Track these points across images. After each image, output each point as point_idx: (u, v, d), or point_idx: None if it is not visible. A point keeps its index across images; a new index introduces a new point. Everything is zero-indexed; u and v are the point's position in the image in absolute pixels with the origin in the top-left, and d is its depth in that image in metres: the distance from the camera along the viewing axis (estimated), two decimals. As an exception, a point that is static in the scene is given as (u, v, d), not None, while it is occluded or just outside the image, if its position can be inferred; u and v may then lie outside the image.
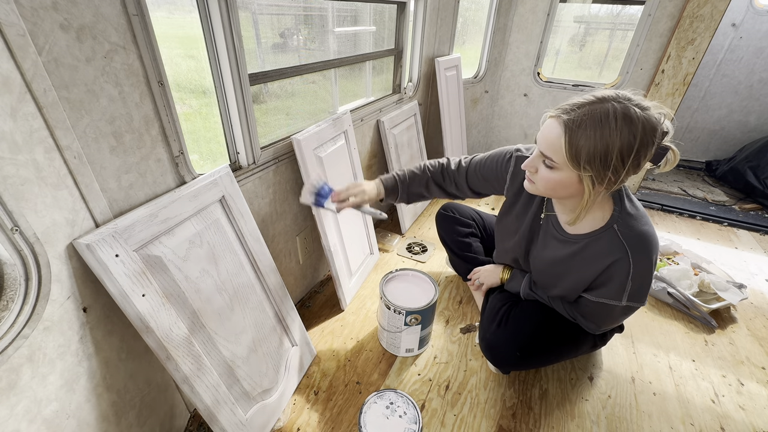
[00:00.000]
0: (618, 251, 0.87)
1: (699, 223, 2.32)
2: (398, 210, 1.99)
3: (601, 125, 0.71)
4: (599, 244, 0.90)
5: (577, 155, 0.74)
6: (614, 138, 0.71)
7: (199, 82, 4.75)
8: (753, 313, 1.58)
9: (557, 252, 1.00)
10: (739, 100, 2.90)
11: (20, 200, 0.58)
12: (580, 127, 0.73)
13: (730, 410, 1.18)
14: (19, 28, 0.54)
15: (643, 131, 0.71)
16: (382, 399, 1.13)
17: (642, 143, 0.71)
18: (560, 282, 1.03)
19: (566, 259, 0.98)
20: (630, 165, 0.73)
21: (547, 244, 1.04)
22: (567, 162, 0.76)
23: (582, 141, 0.73)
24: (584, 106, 0.74)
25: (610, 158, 0.72)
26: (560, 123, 0.76)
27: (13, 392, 0.61)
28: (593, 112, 0.72)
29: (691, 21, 2.04)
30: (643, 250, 0.86)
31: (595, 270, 0.92)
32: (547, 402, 1.18)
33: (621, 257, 0.86)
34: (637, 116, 0.70)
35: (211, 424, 0.88)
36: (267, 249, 1.10)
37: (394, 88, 2.07)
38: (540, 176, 0.85)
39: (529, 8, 2.48)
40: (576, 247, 0.95)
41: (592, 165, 0.74)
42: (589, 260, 0.92)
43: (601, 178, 0.76)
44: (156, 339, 0.75)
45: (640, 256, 0.86)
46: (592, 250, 0.91)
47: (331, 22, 1.93)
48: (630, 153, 0.72)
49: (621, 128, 0.70)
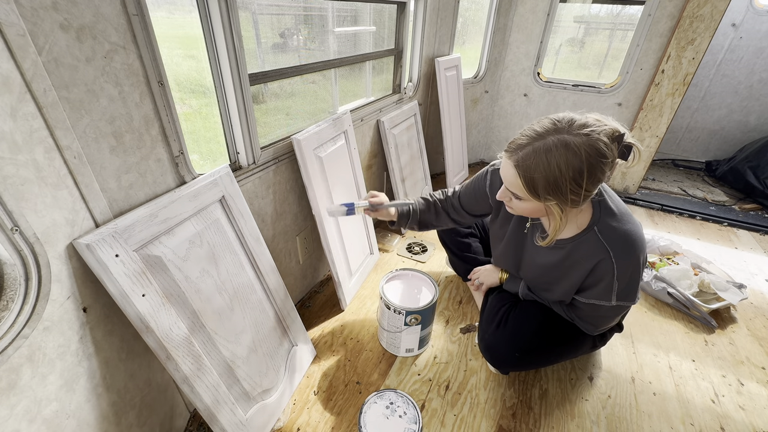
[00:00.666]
0: (600, 253, 0.89)
1: (699, 223, 2.32)
2: (398, 210, 1.98)
3: (547, 161, 0.75)
4: (582, 248, 0.92)
5: (535, 190, 0.80)
6: (562, 169, 0.75)
7: (199, 82, 4.75)
8: (753, 313, 1.58)
9: (546, 258, 1.03)
10: (739, 100, 2.90)
11: (20, 200, 0.58)
12: (529, 166, 0.78)
13: (730, 410, 1.18)
14: (19, 28, 0.54)
15: (586, 155, 0.74)
16: (382, 399, 1.13)
17: (590, 164, 0.75)
18: (552, 287, 1.06)
19: (556, 264, 1.00)
20: (586, 184, 0.77)
21: (537, 251, 1.06)
22: (529, 196, 0.82)
23: (535, 176, 0.78)
24: (528, 145, 0.78)
25: (565, 186, 0.76)
26: (513, 163, 0.81)
27: (13, 392, 0.61)
28: (537, 150, 0.77)
29: (691, 21, 2.04)
30: (626, 249, 0.87)
31: (582, 272, 0.95)
32: (547, 402, 1.18)
33: (603, 258, 0.89)
34: (575, 144, 0.74)
35: (211, 424, 0.88)
36: (267, 249, 1.10)
37: (394, 88, 2.07)
38: (514, 205, 0.90)
39: (529, 8, 2.48)
40: (563, 252, 0.97)
41: (551, 195, 0.79)
42: (575, 264, 0.95)
43: (565, 201, 0.80)
44: (156, 339, 0.75)
45: (623, 256, 0.87)
46: (577, 254, 0.94)
47: (331, 22, 1.93)
48: (581, 176, 0.75)
49: (565, 160, 0.74)
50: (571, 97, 2.59)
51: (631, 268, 0.89)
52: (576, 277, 0.97)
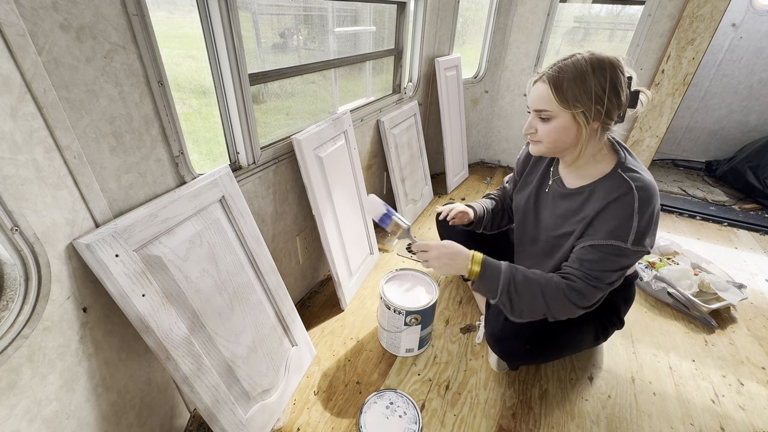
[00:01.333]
0: (623, 187, 0.90)
1: (699, 223, 2.32)
2: (398, 210, 1.99)
3: (575, 69, 0.86)
4: (604, 186, 0.94)
5: (565, 96, 0.87)
6: (589, 75, 0.85)
7: (199, 82, 4.75)
8: (753, 313, 1.58)
9: (567, 206, 1.02)
10: (739, 100, 2.90)
11: (20, 200, 0.58)
12: (560, 76, 0.88)
13: (730, 410, 1.18)
14: (19, 28, 0.54)
15: (610, 65, 0.86)
16: (382, 399, 1.13)
17: (612, 74, 0.85)
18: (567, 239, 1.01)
19: (576, 209, 0.99)
20: (610, 93, 0.86)
21: (557, 205, 1.06)
22: (559, 106, 0.88)
23: (565, 85, 0.87)
24: (557, 64, 0.90)
25: (590, 90, 0.86)
26: (544, 80, 0.91)
27: (13, 392, 0.61)
28: (566, 65, 0.88)
29: (691, 21, 2.04)
30: (648, 190, 0.89)
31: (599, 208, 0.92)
32: (547, 402, 1.18)
33: (626, 191, 0.89)
34: (600, 56, 0.87)
35: (211, 424, 0.88)
36: (267, 249, 1.10)
37: (394, 88, 2.07)
38: (540, 133, 0.95)
39: (529, 8, 2.48)
40: (582, 196, 0.98)
41: (580, 100, 0.86)
42: (594, 202, 0.95)
43: (591, 110, 0.87)
44: (156, 339, 0.75)
45: (646, 193, 0.88)
46: (598, 192, 0.95)
47: (331, 22, 1.93)
48: (605, 82, 0.85)
49: (592, 66, 0.85)
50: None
51: (650, 210, 0.88)
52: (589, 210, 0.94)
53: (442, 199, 2.43)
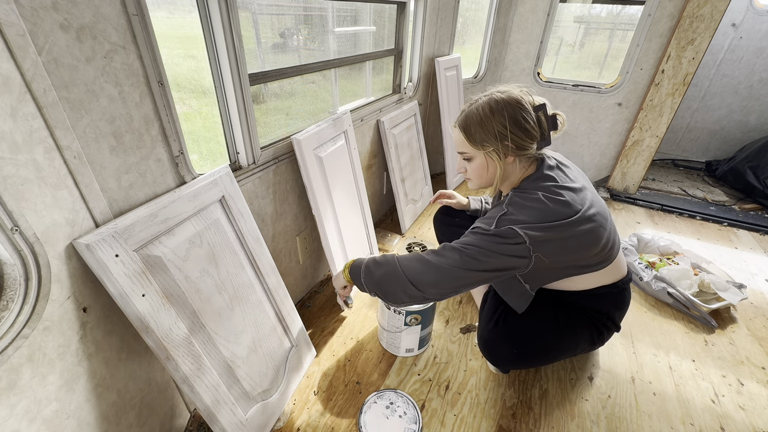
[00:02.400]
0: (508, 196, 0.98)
1: (699, 223, 2.32)
2: (398, 210, 1.99)
3: (478, 114, 0.97)
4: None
5: (473, 139, 0.98)
6: (488, 118, 0.95)
7: (199, 82, 4.75)
8: (753, 313, 1.58)
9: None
10: (739, 100, 2.90)
11: (20, 200, 0.58)
12: (466, 122, 0.99)
13: (730, 410, 1.18)
14: (19, 28, 0.54)
15: (507, 105, 0.94)
16: (382, 399, 1.13)
17: (511, 112, 0.93)
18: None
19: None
20: (513, 129, 0.93)
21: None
22: (471, 148, 1.00)
23: (472, 129, 0.98)
24: (464, 111, 1.01)
25: (494, 130, 0.95)
26: (456, 127, 1.02)
27: (13, 392, 0.61)
28: (471, 111, 0.99)
29: (691, 21, 2.04)
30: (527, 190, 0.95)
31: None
32: (547, 402, 1.18)
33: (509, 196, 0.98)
34: (497, 99, 0.96)
35: (211, 424, 0.88)
36: (267, 249, 1.10)
37: (394, 88, 2.07)
38: (468, 172, 1.06)
39: (529, 8, 2.48)
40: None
41: (487, 141, 0.96)
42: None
43: (499, 148, 0.96)
44: (156, 339, 0.75)
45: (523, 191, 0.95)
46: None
47: (331, 22, 1.93)
48: (505, 118, 0.93)
49: (492, 110, 0.95)
50: (571, 97, 2.60)
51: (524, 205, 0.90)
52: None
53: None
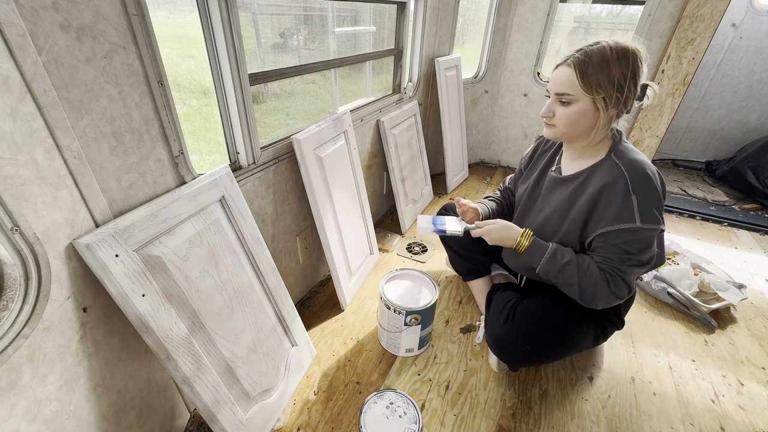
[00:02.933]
0: (614, 171, 0.94)
1: (699, 223, 2.32)
2: (398, 210, 1.99)
3: (602, 56, 0.89)
4: (596, 173, 0.98)
5: (589, 81, 0.90)
6: (613, 62, 0.88)
7: (199, 82, 4.75)
8: (753, 313, 1.58)
9: (562, 195, 1.05)
10: (739, 100, 2.90)
11: (20, 200, 0.58)
12: (586, 61, 0.90)
13: (730, 410, 1.18)
14: (19, 28, 0.54)
15: (633, 55, 0.89)
16: (382, 399, 1.13)
17: (634, 63, 0.89)
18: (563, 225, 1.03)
19: (569, 197, 1.03)
20: (630, 82, 0.89)
21: (552, 192, 1.09)
22: (582, 90, 0.91)
23: (590, 70, 0.89)
24: (583, 49, 0.92)
25: (614, 77, 0.88)
26: (569, 65, 0.93)
27: (13, 392, 0.61)
28: (593, 51, 0.90)
29: (691, 21, 2.04)
30: (638, 168, 0.92)
31: (595, 195, 0.96)
32: (547, 402, 1.18)
33: (616, 174, 0.93)
34: (623, 45, 0.90)
35: (211, 424, 0.88)
36: (267, 249, 1.10)
37: (394, 88, 2.07)
38: (558, 116, 0.97)
39: (529, 8, 2.48)
40: (577, 182, 1.01)
41: (602, 86, 0.89)
42: (590, 188, 0.98)
43: (611, 97, 0.90)
44: (156, 339, 0.75)
45: (635, 171, 0.92)
46: (592, 179, 0.98)
47: (331, 22, 1.93)
48: (627, 71, 0.88)
49: (617, 54, 0.88)
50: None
51: (646, 182, 0.90)
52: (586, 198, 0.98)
53: (442, 199, 2.43)
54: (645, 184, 0.90)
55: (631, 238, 0.91)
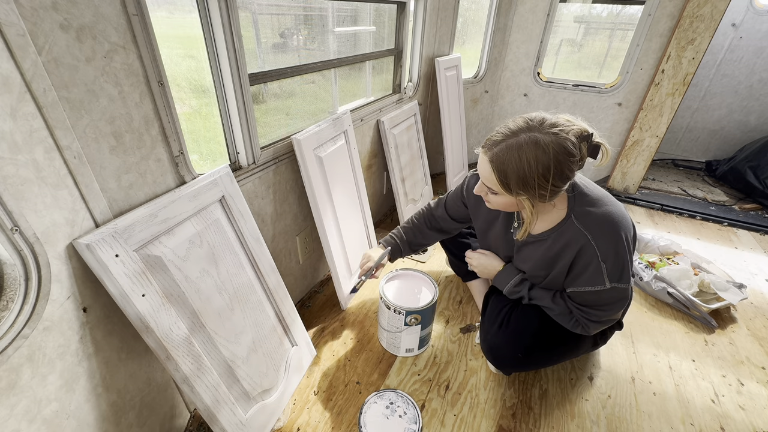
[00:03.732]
0: (580, 238, 0.93)
1: (699, 223, 2.32)
2: (398, 210, 1.99)
3: (518, 157, 0.82)
4: (563, 237, 0.97)
5: (507, 184, 0.86)
6: (531, 165, 0.82)
7: (199, 82, 4.74)
8: (753, 313, 1.58)
9: (534, 253, 1.05)
10: (739, 100, 2.89)
11: (20, 200, 0.58)
12: (502, 162, 0.84)
13: (730, 410, 1.18)
14: (19, 28, 0.54)
15: (554, 153, 0.81)
16: (382, 399, 1.13)
17: (557, 161, 0.81)
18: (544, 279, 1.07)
19: (542, 257, 1.03)
20: (554, 180, 0.83)
21: (521, 250, 1.10)
22: (502, 190, 0.89)
23: (507, 172, 0.85)
24: (502, 141, 0.85)
25: (534, 181, 0.83)
26: (488, 159, 0.88)
27: (13, 392, 0.61)
28: (510, 147, 0.83)
29: (691, 21, 2.04)
30: (604, 230, 0.91)
31: (567, 261, 0.97)
32: (547, 402, 1.18)
33: (584, 243, 0.92)
34: (545, 142, 0.81)
35: (211, 424, 0.88)
36: (267, 249, 1.10)
37: (394, 88, 2.07)
38: (491, 199, 0.97)
39: (529, 8, 2.48)
40: (546, 243, 1.01)
41: (522, 189, 0.86)
42: (559, 254, 0.98)
43: (534, 196, 0.86)
44: (156, 339, 0.75)
45: (602, 236, 0.91)
46: (559, 244, 0.98)
47: (331, 22, 1.93)
48: (549, 172, 0.82)
49: (535, 156, 0.81)
50: (571, 97, 2.59)
51: (614, 247, 0.90)
52: (561, 265, 0.99)
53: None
54: (614, 249, 0.90)
55: (600, 297, 0.97)
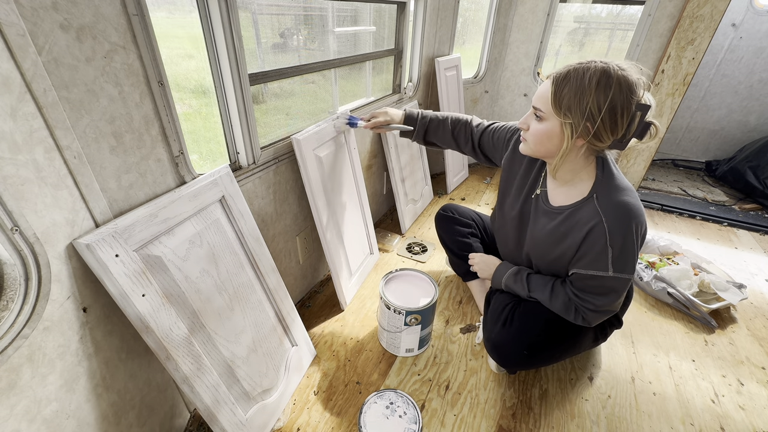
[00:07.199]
0: (594, 218, 0.92)
1: (699, 223, 2.32)
2: (398, 210, 1.99)
3: (582, 77, 0.82)
4: (579, 214, 0.96)
5: (559, 102, 0.85)
6: (591, 87, 0.81)
7: (199, 82, 4.74)
8: (753, 313, 1.58)
9: (546, 226, 1.05)
10: (739, 100, 2.90)
11: (20, 200, 0.58)
12: (565, 79, 0.85)
13: (730, 410, 1.18)
14: (19, 28, 0.54)
15: (617, 85, 0.80)
16: (382, 399, 1.13)
17: (616, 96, 0.80)
18: (549, 256, 1.07)
19: (554, 230, 1.02)
20: (606, 115, 0.81)
21: (537, 220, 1.09)
22: (551, 109, 0.87)
23: (564, 90, 0.84)
24: (569, 67, 0.86)
25: (586, 105, 0.81)
26: (552, 79, 0.88)
27: (13, 392, 0.61)
28: (578, 69, 0.84)
29: (691, 21, 2.04)
30: (619, 217, 0.90)
31: (577, 239, 0.96)
32: (547, 402, 1.18)
33: (597, 223, 0.92)
34: (613, 71, 0.81)
35: (211, 424, 0.88)
36: (267, 249, 1.10)
37: (394, 88, 2.07)
38: (530, 131, 0.94)
39: (529, 8, 2.48)
40: (561, 217, 1.00)
41: (571, 111, 0.84)
42: (571, 229, 0.98)
43: (578, 125, 0.84)
44: (156, 339, 0.75)
45: (616, 222, 0.90)
46: (573, 220, 0.97)
47: (331, 22, 1.93)
48: (605, 102, 0.80)
49: (598, 79, 0.81)
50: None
51: (624, 236, 0.90)
52: (570, 241, 0.98)
53: (442, 199, 2.43)
54: (624, 236, 0.89)
55: (601, 283, 0.96)
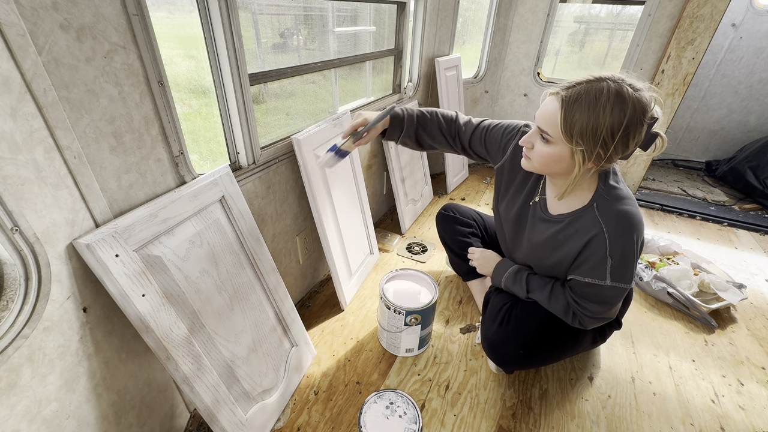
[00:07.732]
0: (595, 227, 0.91)
1: (699, 223, 2.32)
2: (398, 210, 1.99)
3: (595, 101, 0.76)
4: (579, 222, 0.95)
5: (570, 129, 0.79)
6: (606, 114, 0.76)
7: (199, 82, 4.74)
8: (753, 313, 1.58)
9: (544, 233, 1.04)
10: (739, 100, 2.90)
11: (20, 200, 0.58)
12: (575, 102, 0.78)
13: (730, 410, 1.18)
14: (19, 28, 0.54)
15: (632, 110, 0.76)
16: (382, 399, 1.13)
17: (631, 121, 0.76)
18: (546, 262, 1.06)
19: (552, 237, 1.01)
20: (619, 141, 0.78)
21: (535, 226, 1.07)
22: (561, 135, 0.81)
23: (576, 115, 0.78)
24: (581, 83, 0.80)
25: (600, 132, 0.77)
26: (558, 99, 0.82)
27: (13, 392, 0.61)
28: (589, 90, 0.78)
29: (691, 21, 2.04)
30: (620, 227, 0.89)
31: (576, 247, 0.95)
32: (547, 402, 1.18)
33: (597, 233, 0.90)
34: (628, 95, 0.76)
35: (211, 424, 0.88)
36: (267, 249, 1.10)
37: (394, 88, 2.07)
38: (536, 152, 0.90)
39: (529, 8, 2.48)
40: (560, 226, 0.99)
41: (583, 139, 0.79)
42: (571, 238, 0.97)
43: (591, 152, 0.80)
44: (156, 339, 0.75)
45: (616, 232, 0.89)
46: (573, 228, 0.96)
47: (331, 22, 1.93)
48: (619, 129, 0.76)
49: (613, 105, 0.75)
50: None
51: (624, 246, 0.89)
52: (569, 249, 0.97)
53: (442, 200, 2.43)
54: (623, 247, 0.88)
55: (599, 291, 0.96)
